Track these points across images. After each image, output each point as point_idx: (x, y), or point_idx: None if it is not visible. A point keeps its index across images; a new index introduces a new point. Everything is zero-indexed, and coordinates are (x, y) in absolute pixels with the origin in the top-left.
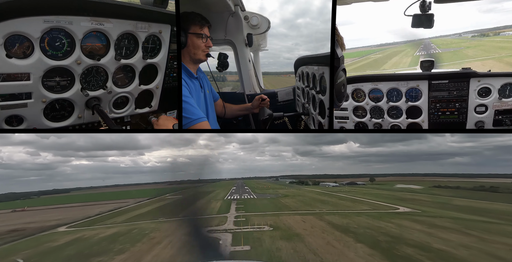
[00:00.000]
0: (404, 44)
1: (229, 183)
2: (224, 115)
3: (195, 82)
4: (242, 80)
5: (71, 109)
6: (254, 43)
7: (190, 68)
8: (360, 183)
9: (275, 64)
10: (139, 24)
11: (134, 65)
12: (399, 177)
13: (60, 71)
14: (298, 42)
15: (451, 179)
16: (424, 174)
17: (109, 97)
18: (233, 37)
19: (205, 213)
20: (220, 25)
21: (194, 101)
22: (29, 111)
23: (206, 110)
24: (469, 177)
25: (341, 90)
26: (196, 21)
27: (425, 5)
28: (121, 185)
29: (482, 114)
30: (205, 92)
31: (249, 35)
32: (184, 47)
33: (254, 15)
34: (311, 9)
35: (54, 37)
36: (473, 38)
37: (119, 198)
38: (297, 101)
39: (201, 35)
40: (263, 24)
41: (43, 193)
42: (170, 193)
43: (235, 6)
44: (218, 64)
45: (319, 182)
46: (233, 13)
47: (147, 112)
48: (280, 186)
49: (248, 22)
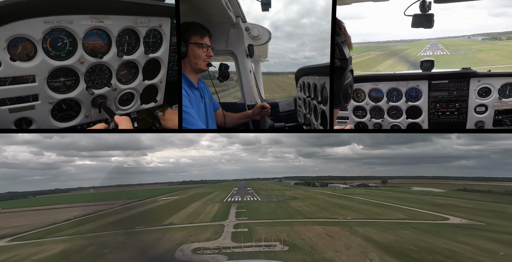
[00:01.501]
0: (410, 43)
1: (231, 184)
2: (224, 124)
3: (196, 92)
4: (243, 90)
5: (78, 108)
6: (255, 54)
7: (191, 78)
8: (372, 185)
9: (281, 65)
10: (138, 19)
11: (137, 61)
12: (409, 180)
13: (64, 71)
14: (304, 42)
15: (468, 182)
16: (433, 177)
17: (114, 94)
18: (234, 48)
19: (195, 221)
20: (221, 36)
21: (194, 112)
22: (37, 113)
23: (206, 120)
24: (486, 180)
25: (348, 91)
26: (197, 30)
27: (425, 5)
28: (123, 185)
29: (482, 115)
30: (205, 102)
31: (250, 46)
32: (184, 57)
33: (255, 26)
34: (315, 9)
35: (55, 38)
36: (483, 41)
37: (110, 199)
38: (299, 111)
39: (202, 45)
40: (264, 35)
41: (41, 193)
42: (165, 194)
43: (236, 18)
44: (219, 74)
45: (327, 183)
46: (234, 24)
47: (153, 107)
48: (285, 187)
49: (249, 33)
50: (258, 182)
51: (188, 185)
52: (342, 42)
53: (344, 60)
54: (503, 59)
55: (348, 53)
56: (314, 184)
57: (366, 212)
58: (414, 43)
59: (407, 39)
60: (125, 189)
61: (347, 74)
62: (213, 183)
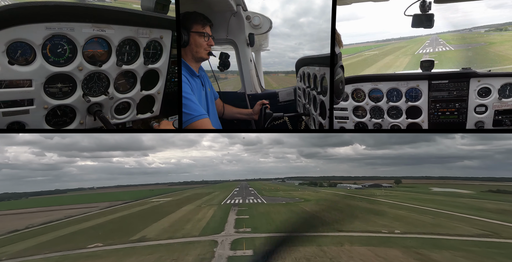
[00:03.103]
0: (408, 40)
1: (232, 185)
2: (222, 115)
3: (197, 80)
4: (243, 80)
5: (73, 115)
6: (255, 43)
7: (192, 67)
8: (386, 185)
9: (281, 64)
10: (140, 30)
11: (136, 71)
12: (418, 180)
13: (62, 77)
14: (302, 42)
15: (489, 183)
16: (453, 177)
17: (111, 103)
18: (234, 37)
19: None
20: (222, 24)
21: (195, 98)
22: (31, 117)
23: (207, 108)
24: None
25: (339, 87)
26: (198, 20)
27: (425, 5)
28: (124, 186)
29: (482, 115)
30: (206, 90)
31: (251, 35)
32: (186, 45)
33: (256, 15)
34: (313, 8)
35: (56, 44)
36: (487, 32)
37: (93, 201)
38: (298, 101)
39: (203, 34)
40: (264, 24)
41: (38, 194)
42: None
43: (237, 6)
44: (219, 63)
45: (336, 183)
46: (235, 13)
47: (149, 117)
48: (291, 188)
49: (250, 22)
50: (261, 182)
51: (188, 186)
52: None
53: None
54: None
55: (338, 49)
56: (321, 184)
57: (413, 221)
58: (413, 40)
59: (406, 36)
60: (123, 190)
61: (337, 70)
62: (213, 183)
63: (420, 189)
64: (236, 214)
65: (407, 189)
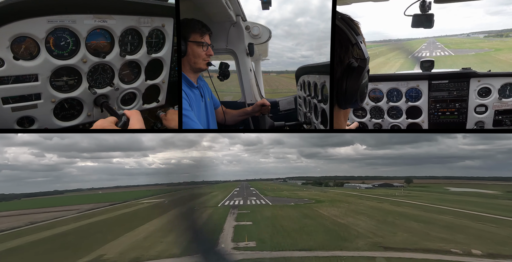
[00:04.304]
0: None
1: (232, 185)
2: (224, 122)
3: (196, 91)
4: (243, 89)
5: (80, 108)
6: (255, 52)
7: (190, 78)
8: (397, 184)
9: (279, 64)
10: (141, 19)
11: (139, 60)
12: (426, 179)
13: (67, 70)
14: (300, 42)
15: (497, 183)
16: (463, 177)
17: (117, 94)
18: (234, 47)
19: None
20: (221, 35)
21: (194, 114)
22: (40, 112)
23: (206, 119)
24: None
25: (365, 91)
26: (197, 28)
27: (425, 5)
28: (123, 186)
29: (482, 115)
30: (206, 100)
31: (250, 44)
32: (184, 56)
33: (255, 25)
34: (310, 8)
35: (59, 37)
36: (487, 38)
37: (76, 203)
38: (299, 110)
39: (201, 44)
40: (264, 34)
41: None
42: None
43: (237, 16)
44: (219, 73)
45: (342, 183)
46: (234, 23)
47: (155, 107)
48: (294, 187)
49: (250, 32)
50: (262, 182)
51: (188, 186)
52: (361, 42)
53: (363, 60)
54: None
55: (367, 53)
56: (327, 184)
57: (475, 232)
58: (408, 43)
59: (403, 38)
60: (122, 191)
61: (365, 74)
62: (214, 183)
63: (435, 188)
64: (236, 220)
65: (421, 188)
